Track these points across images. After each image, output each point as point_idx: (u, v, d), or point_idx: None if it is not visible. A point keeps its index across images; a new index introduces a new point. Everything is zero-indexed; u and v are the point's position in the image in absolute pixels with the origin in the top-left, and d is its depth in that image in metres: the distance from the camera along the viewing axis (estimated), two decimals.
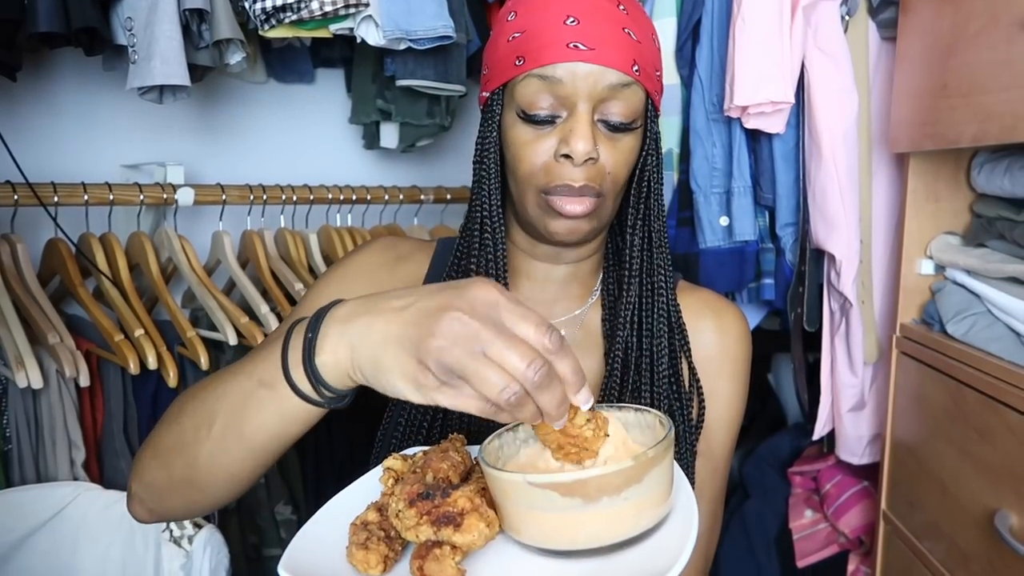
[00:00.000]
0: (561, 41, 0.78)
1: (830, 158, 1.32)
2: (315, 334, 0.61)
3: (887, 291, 1.46)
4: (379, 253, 0.95)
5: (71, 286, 1.38)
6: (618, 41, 0.79)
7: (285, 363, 0.63)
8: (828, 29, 1.32)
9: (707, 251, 1.42)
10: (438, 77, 1.55)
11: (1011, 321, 1.14)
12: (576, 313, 0.93)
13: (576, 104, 0.79)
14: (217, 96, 1.78)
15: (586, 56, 0.78)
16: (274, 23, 1.32)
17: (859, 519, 1.57)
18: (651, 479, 0.57)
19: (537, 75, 0.79)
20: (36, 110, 1.56)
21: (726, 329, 0.93)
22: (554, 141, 0.81)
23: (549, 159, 0.81)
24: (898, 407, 1.37)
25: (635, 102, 0.81)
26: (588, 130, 0.79)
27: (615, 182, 0.83)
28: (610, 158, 0.82)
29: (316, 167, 1.85)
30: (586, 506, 0.55)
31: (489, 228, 0.86)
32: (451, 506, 0.57)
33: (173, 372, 1.36)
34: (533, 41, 0.80)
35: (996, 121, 1.03)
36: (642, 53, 0.81)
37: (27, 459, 1.32)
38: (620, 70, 0.79)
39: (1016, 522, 1.03)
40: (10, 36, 1.19)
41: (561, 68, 0.79)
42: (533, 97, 0.80)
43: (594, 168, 0.81)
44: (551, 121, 0.81)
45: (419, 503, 0.57)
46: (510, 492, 0.57)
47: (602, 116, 0.81)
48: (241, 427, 0.66)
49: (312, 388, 0.63)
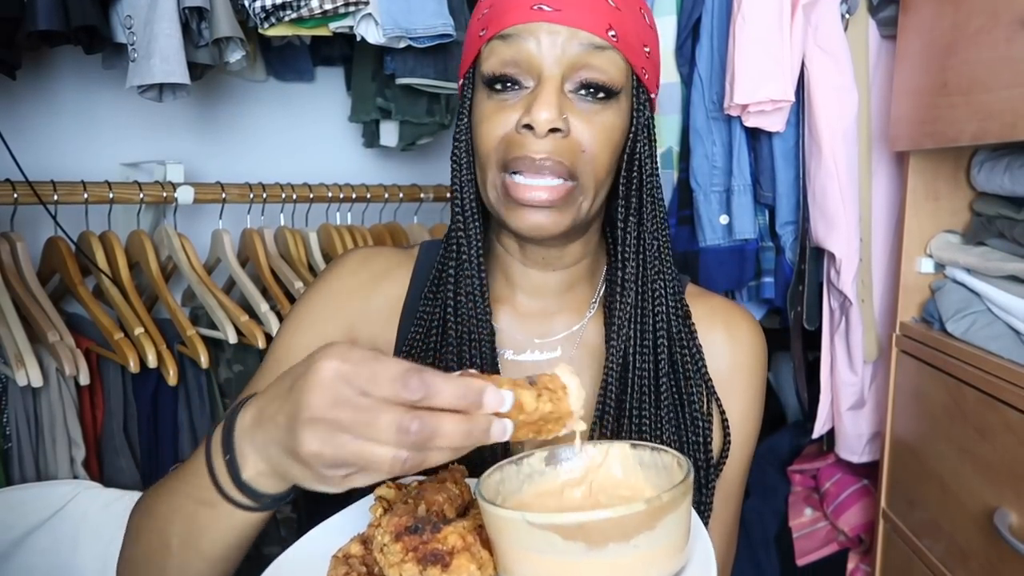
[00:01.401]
0: (525, 3, 0.72)
1: (830, 156, 1.32)
2: (232, 454, 0.58)
3: (887, 289, 1.46)
4: (351, 276, 0.86)
5: (71, 284, 1.38)
6: (589, 3, 0.72)
7: (217, 484, 0.60)
8: (828, 27, 1.32)
9: (707, 250, 1.42)
10: (438, 75, 1.55)
11: (1011, 319, 1.14)
12: (574, 329, 0.83)
13: (542, 70, 0.72)
14: (217, 94, 1.77)
15: (551, 16, 0.71)
16: (274, 21, 1.32)
17: (859, 517, 1.57)
18: (665, 526, 0.51)
19: (498, 38, 0.73)
20: (36, 108, 1.56)
21: (739, 341, 0.84)
22: (518, 113, 0.73)
23: (510, 131, 0.73)
24: (898, 405, 1.37)
25: (612, 71, 0.73)
26: (553, 97, 0.70)
27: (594, 163, 0.74)
28: (585, 132, 0.73)
29: (316, 165, 1.85)
30: (590, 552, 0.49)
31: (463, 230, 0.78)
32: (440, 543, 0.52)
33: (173, 370, 1.36)
34: (498, 8, 0.74)
35: (996, 119, 1.03)
36: (621, 20, 0.73)
37: (27, 457, 1.32)
38: (590, 31, 0.71)
39: (1016, 520, 1.03)
40: (10, 34, 1.19)
41: (523, 29, 0.72)
42: (495, 63, 0.73)
43: (563, 142, 0.72)
44: (515, 89, 0.73)
45: (406, 538, 0.53)
46: (506, 531, 0.52)
47: (574, 85, 0.73)
48: (198, 544, 0.64)
49: (252, 501, 0.60)
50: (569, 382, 0.55)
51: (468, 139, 0.78)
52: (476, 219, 0.79)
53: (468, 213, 0.78)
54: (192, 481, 0.63)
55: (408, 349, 0.81)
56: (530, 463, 0.61)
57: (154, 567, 0.68)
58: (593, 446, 0.61)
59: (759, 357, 0.85)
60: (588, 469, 0.61)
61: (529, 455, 0.61)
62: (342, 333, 0.84)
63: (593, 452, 0.62)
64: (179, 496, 0.65)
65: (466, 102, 0.78)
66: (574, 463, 0.62)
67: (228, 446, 0.59)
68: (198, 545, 0.64)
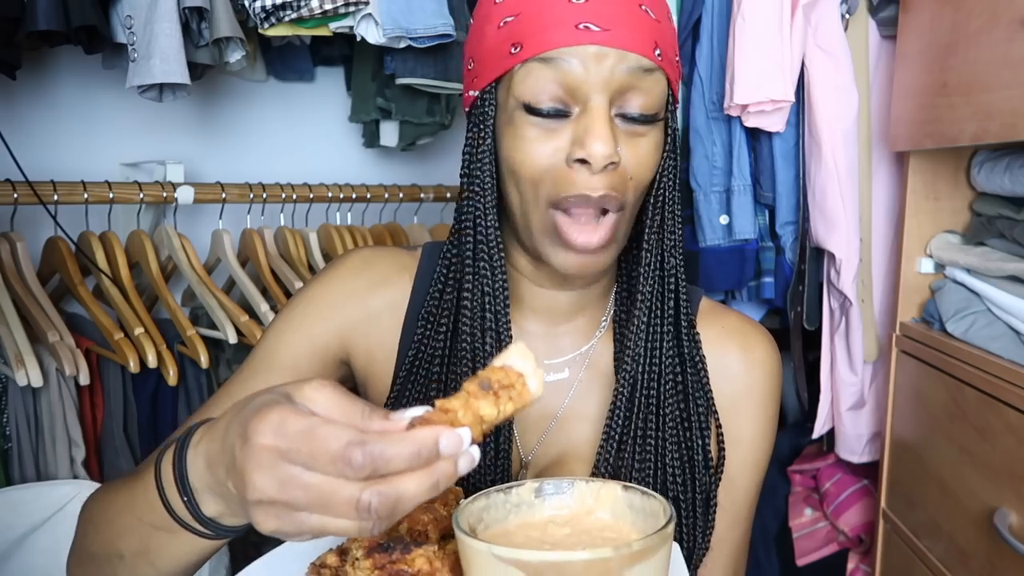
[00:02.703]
0: (568, 21, 0.66)
1: (830, 156, 1.32)
2: (190, 496, 0.55)
3: (887, 289, 1.46)
4: (353, 277, 0.82)
5: (71, 284, 1.38)
6: (636, 20, 0.67)
7: (176, 517, 0.57)
8: (828, 27, 1.32)
9: (707, 250, 1.42)
10: (438, 75, 1.55)
11: (1011, 320, 1.14)
12: (583, 350, 0.81)
13: (590, 97, 0.67)
14: (217, 94, 1.77)
15: (600, 38, 0.66)
16: (274, 21, 1.32)
17: (858, 517, 1.57)
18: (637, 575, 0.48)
19: (539, 61, 0.67)
20: (36, 108, 1.56)
21: (753, 362, 0.80)
22: (565, 142, 0.68)
23: (560, 164, 0.68)
24: (898, 406, 1.37)
25: (658, 92, 0.69)
26: (607, 128, 0.66)
27: (637, 189, 0.71)
28: (632, 160, 0.69)
29: (316, 165, 1.85)
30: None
31: (486, 254, 0.73)
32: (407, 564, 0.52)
33: (173, 370, 1.36)
34: (532, 23, 0.67)
35: (996, 120, 1.03)
36: (663, 35, 0.70)
37: (27, 457, 1.32)
38: (641, 54, 0.67)
39: (1016, 521, 1.03)
40: (9, 34, 1.19)
41: (569, 52, 0.66)
42: (537, 88, 0.67)
43: (616, 174, 0.68)
44: (560, 116, 0.68)
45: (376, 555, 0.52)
46: (474, 562, 0.50)
47: (620, 110, 0.68)
48: (152, 562, 0.61)
49: (217, 533, 0.57)
50: (524, 368, 0.51)
51: (492, 160, 0.72)
52: (497, 243, 0.73)
53: (491, 236, 0.73)
54: (144, 507, 0.59)
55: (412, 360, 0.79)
56: (519, 493, 0.59)
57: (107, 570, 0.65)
58: (585, 483, 0.60)
59: (774, 379, 0.82)
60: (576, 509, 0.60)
61: (519, 485, 0.59)
62: (332, 337, 0.81)
63: (584, 490, 0.60)
64: (130, 517, 0.61)
65: (487, 119, 0.72)
66: (563, 499, 0.60)
67: (184, 487, 0.55)
68: (153, 563, 0.61)
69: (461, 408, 0.48)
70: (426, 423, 0.47)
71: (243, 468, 0.46)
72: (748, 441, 0.80)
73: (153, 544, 0.60)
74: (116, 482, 0.68)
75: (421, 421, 0.47)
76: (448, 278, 0.78)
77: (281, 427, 0.45)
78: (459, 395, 0.48)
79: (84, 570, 0.69)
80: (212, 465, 0.52)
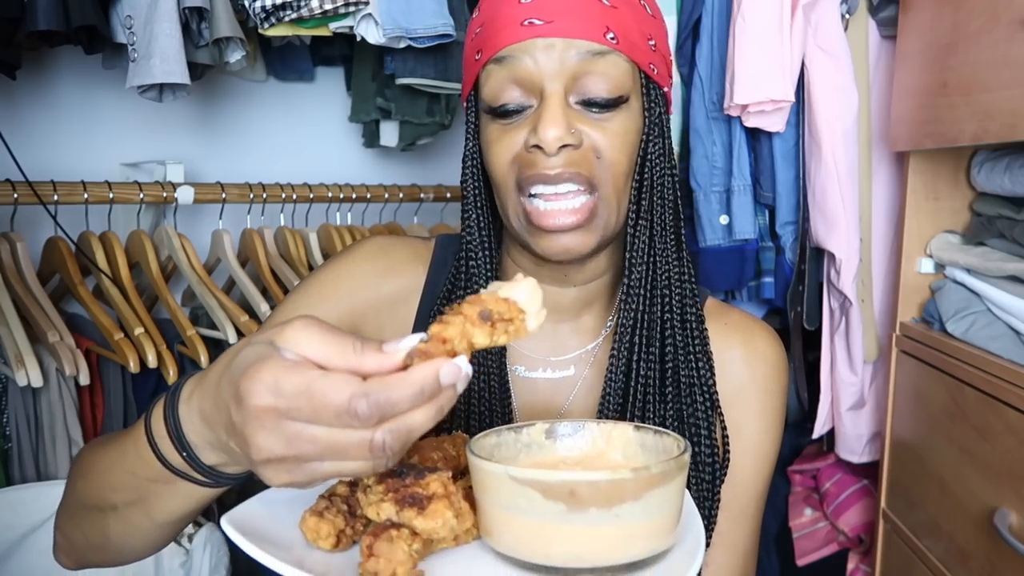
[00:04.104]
0: (515, 20, 0.70)
1: (830, 156, 1.32)
2: (189, 451, 0.55)
3: (887, 289, 1.46)
4: (368, 262, 0.83)
5: (71, 284, 1.38)
6: (583, 9, 0.69)
7: (173, 470, 0.56)
8: (828, 27, 1.32)
9: (707, 250, 1.42)
10: (438, 75, 1.55)
11: (1011, 320, 1.14)
12: (588, 348, 0.81)
13: (544, 87, 0.70)
14: (217, 94, 1.77)
15: (543, 30, 0.69)
16: (274, 21, 1.32)
17: (858, 517, 1.57)
18: (651, 501, 0.49)
19: (494, 62, 0.71)
20: (36, 108, 1.56)
21: (756, 355, 0.81)
22: (524, 133, 0.71)
23: (519, 151, 0.71)
24: (898, 406, 1.37)
25: (616, 75, 0.70)
26: (559, 112, 0.68)
27: (612, 169, 0.71)
28: (599, 138, 0.71)
29: (316, 165, 1.85)
30: (570, 515, 0.48)
31: (480, 255, 0.77)
32: (421, 488, 0.51)
33: (173, 370, 1.36)
34: (489, 29, 0.72)
35: (996, 120, 1.03)
36: (620, 19, 0.71)
37: (27, 457, 1.32)
38: (587, 39, 0.69)
39: (1016, 521, 1.03)
40: (10, 34, 1.19)
41: (518, 49, 0.70)
42: (495, 88, 0.71)
43: (577, 153, 0.70)
44: (520, 111, 0.72)
45: (389, 480, 0.52)
46: (489, 487, 0.50)
47: (580, 96, 0.71)
48: (148, 512, 0.61)
49: (215, 480, 0.57)
50: (529, 306, 0.50)
51: (477, 164, 0.77)
52: (488, 246, 0.78)
53: (483, 239, 0.77)
54: (136, 463, 0.59)
55: None
56: (530, 433, 0.60)
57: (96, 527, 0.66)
58: (596, 425, 0.60)
59: (778, 372, 0.82)
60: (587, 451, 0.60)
61: (530, 425, 0.60)
62: (340, 319, 0.81)
63: (596, 431, 0.60)
64: (121, 472, 0.61)
65: (471, 127, 0.77)
66: (574, 440, 0.60)
67: (181, 443, 0.54)
68: (148, 512, 0.61)
69: (457, 337, 0.47)
70: (424, 355, 0.46)
71: (244, 430, 0.46)
72: (751, 434, 0.80)
73: (150, 495, 0.60)
74: (106, 437, 0.68)
75: (420, 354, 0.46)
76: (459, 270, 0.80)
77: (277, 386, 0.44)
78: (455, 320, 0.48)
79: (76, 523, 0.69)
80: (209, 423, 0.52)
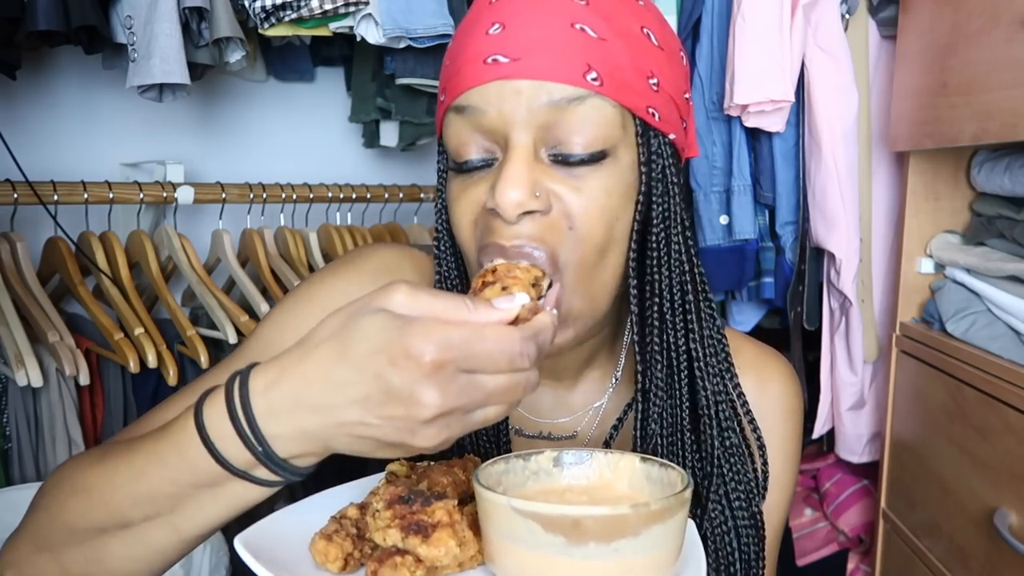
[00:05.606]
0: (478, 57, 0.59)
1: (830, 156, 1.32)
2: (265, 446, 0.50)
3: (887, 289, 1.46)
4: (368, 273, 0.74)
5: (71, 284, 1.38)
6: (560, 43, 0.58)
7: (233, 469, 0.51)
8: (828, 27, 1.32)
9: (707, 250, 1.42)
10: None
11: (1011, 320, 1.14)
12: (595, 406, 0.74)
13: (509, 138, 0.58)
14: (217, 94, 1.77)
15: (508, 70, 0.57)
16: (274, 21, 1.32)
17: (858, 517, 1.57)
18: (649, 537, 0.49)
19: (453, 111, 0.61)
20: (36, 108, 1.56)
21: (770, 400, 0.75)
22: (484, 190, 0.60)
23: (480, 212, 0.61)
24: (898, 406, 1.37)
25: (599, 123, 0.58)
26: (522, 170, 0.57)
27: (583, 248, 0.60)
28: (576, 206, 0.59)
29: (316, 165, 1.85)
30: (569, 548, 0.49)
31: None
32: (427, 515, 0.52)
33: (173, 370, 1.36)
34: (453, 65, 0.62)
35: (996, 120, 1.03)
36: (608, 54, 0.59)
37: (27, 457, 1.32)
38: (561, 81, 0.57)
39: (1016, 521, 1.03)
40: (10, 34, 1.19)
41: (478, 94, 0.59)
42: (455, 142, 0.61)
43: (545, 221, 0.59)
44: (487, 165, 0.61)
45: (397, 506, 0.53)
46: (492, 516, 0.51)
47: (553, 150, 0.59)
48: (176, 524, 0.55)
49: (287, 473, 0.53)
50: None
51: (443, 218, 0.67)
52: None
53: None
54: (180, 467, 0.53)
55: None
56: (538, 461, 0.60)
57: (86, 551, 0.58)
58: (604, 455, 0.61)
59: (793, 416, 0.76)
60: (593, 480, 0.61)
61: (538, 453, 0.61)
62: None
63: (603, 461, 0.61)
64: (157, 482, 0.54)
65: (441, 175, 0.67)
66: (581, 469, 0.61)
67: (257, 437, 0.50)
68: (178, 524, 0.55)
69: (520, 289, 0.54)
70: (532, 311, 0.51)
71: (411, 389, 0.45)
72: None
73: (188, 505, 0.54)
74: (109, 448, 0.61)
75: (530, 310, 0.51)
76: None
77: (447, 340, 0.45)
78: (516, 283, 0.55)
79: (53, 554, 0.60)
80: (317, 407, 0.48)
